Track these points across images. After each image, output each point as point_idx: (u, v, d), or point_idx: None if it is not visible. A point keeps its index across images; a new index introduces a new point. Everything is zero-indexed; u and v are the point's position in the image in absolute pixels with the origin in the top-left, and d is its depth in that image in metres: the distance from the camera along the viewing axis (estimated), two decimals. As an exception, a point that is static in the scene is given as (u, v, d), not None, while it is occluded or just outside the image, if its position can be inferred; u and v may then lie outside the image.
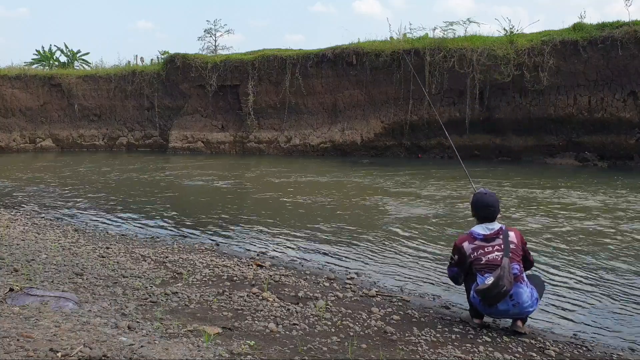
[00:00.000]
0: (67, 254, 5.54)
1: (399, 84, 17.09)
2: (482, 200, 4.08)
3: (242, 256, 6.22)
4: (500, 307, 3.81)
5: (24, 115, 22.62)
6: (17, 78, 22.40)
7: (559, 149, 15.50)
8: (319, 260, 6.14)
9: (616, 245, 6.51)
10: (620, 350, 3.75)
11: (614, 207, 8.83)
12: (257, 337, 3.41)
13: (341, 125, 18.56)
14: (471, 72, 15.86)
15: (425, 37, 17.61)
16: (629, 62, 14.06)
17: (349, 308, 4.28)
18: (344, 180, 12.56)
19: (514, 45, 15.54)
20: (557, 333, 4.07)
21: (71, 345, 2.62)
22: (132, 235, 7.37)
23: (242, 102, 20.00)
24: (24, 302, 3.45)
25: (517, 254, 3.95)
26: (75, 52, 29.67)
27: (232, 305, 4.12)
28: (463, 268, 4.06)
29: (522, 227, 7.46)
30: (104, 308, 3.64)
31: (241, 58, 20.15)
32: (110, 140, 22.76)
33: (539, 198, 9.73)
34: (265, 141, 19.73)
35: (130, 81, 22.12)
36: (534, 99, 15.49)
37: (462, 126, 16.42)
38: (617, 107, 14.40)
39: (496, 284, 3.71)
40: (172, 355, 2.71)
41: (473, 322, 4.04)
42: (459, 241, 4.09)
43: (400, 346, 3.49)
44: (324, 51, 18.61)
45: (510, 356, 3.46)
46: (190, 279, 4.88)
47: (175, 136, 21.13)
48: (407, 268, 5.79)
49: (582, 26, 15.14)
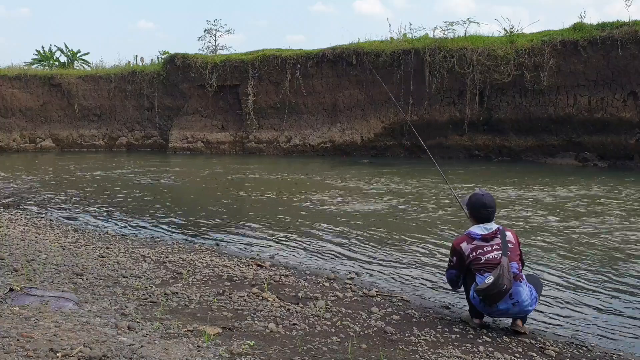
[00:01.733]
0: (67, 254, 5.54)
1: (399, 84, 17.09)
2: (481, 201, 4.08)
3: (242, 256, 6.21)
4: (500, 306, 3.81)
5: (24, 115, 22.62)
6: (17, 78, 22.40)
7: (559, 149, 15.50)
8: (319, 260, 6.14)
9: (616, 245, 6.50)
10: (620, 350, 3.75)
11: (614, 207, 8.83)
12: (257, 337, 3.41)
13: (341, 125, 18.56)
14: (471, 72, 15.85)
15: (425, 37, 17.61)
16: (629, 62, 14.06)
17: (349, 308, 4.28)
18: (344, 180, 12.56)
19: (514, 45, 15.54)
20: (557, 333, 4.07)
21: (71, 345, 2.62)
22: (132, 235, 7.37)
23: (242, 102, 20.00)
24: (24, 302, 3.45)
25: (515, 253, 3.97)
26: (75, 52, 29.64)
27: (232, 305, 4.12)
28: (461, 269, 4.06)
29: (522, 226, 7.46)
30: (104, 308, 3.64)
31: (241, 58, 20.15)
32: (110, 140, 22.76)
33: (539, 198, 9.73)
34: (265, 141, 19.73)
35: (130, 81, 22.12)
36: (534, 99, 15.49)
37: (462, 126, 16.44)
38: (617, 107, 14.39)
39: (496, 283, 3.71)
40: (172, 355, 2.71)
41: (473, 322, 4.04)
42: (457, 242, 4.08)
43: (400, 346, 3.49)
44: (324, 51, 18.61)
45: (510, 356, 3.46)
46: (190, 279, 4.88)
47: (175, 136, 21.14)
48: (407, 268, 5.79)
49: (582, 26, 15.14)
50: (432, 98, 16.81)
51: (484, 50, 15.73)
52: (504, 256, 3.85)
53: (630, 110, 14.21)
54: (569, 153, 15.35)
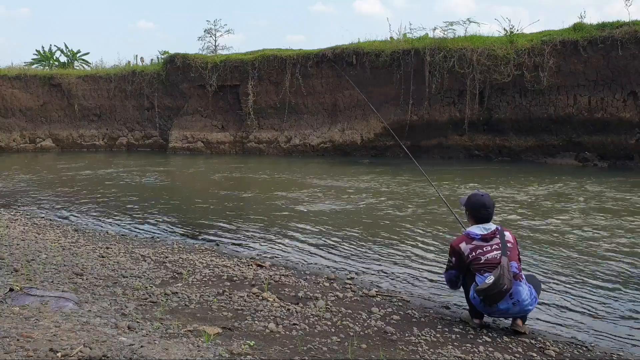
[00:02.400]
0: (67, 254, 5.54)
1: (399, 84, 17.08)
2: (481, 201, 4.09)
3: (242, 256, 6.22)
4: (500, 306, 3.81)
5: (24, 115, 22.61)
6: (17, 78, 22.38)
7: (559, 149, 15.49)
8: (319, 260, 6.14)
9: (616, 245, 6.50)
10: (620, 350, 3.75)
11: (614, 207, 8.83)
12: (257, 337, 3.41)
13: (341, 125, 18.56)
14: (471, 72, 15.85)
15: (425, 37, 17.60)
16: (629, 62, 14.05)
17: (349, 308, 4.28)
18: (344, 180, 12.55)
19: (514, 45, 15.53)
20: (557, 333, 4.07)
21: (71, 345, 2.62)
22: (132, 235, 7.37)
23: (242, 102, 20.00)
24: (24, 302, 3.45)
25: (514, 253, 3.98)
26: (75, 52, 29.63)
27: (232, 305, 4.13)
28: (461, 270, 4.06)
29: (522, 226, 7.46)
30: (104, 308, 3.64)
31: (241, 58, 20.14)
32: (110, 140, 22.75)
33: (539, 198, 9.73)
34: (265, 141, 19.73)
35: (130, 81, 22.10)
36: (534, 99, 15.48)
37: (462, 126, 16.43)
38: (617, 107, 14.39)
39: (497, 283, 3.72)
40: (172, 355, 2.71)
41: (473, 322, 4.04)
42: (455, 243, 4.08)
43: (400, 346, 3.49)
44: (324, 51, 18.60)
45: (510, 356, 3.46)
46: (190, 279, 4.88)
47: (175, 136, 21.13)
48: (407, 268, 5.79)
49: (582, 26, 15.13)
50: (432, 98, 16.80)
51: (484, 50, 15.73)
52: (504, 256, 3.86)
53: (630, 110, 14.21)
54: (569, 153, 15.34)
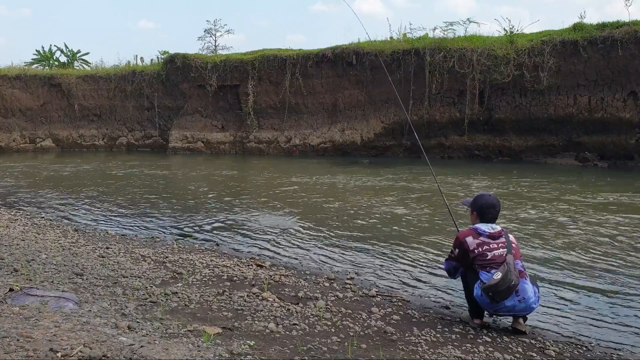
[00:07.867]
0: (67, 254, 5.54)
1: (399, 84, 17.08)
2: (489, 201, 4.15)
3: (242, 256, 6.22)
4: (507, 303, 3.82)
5: (24, 115, 22.62)
6: (17, 78, 22.39)
7: (559, 149, 15.50)
8: (319, 260, 6.14)
9: (616, 245, 6.50)
10: (620, 350, 3.75)
11: (614, 207, 8.83)
12: (257, 337, 3.41)
13: (341, 125, 18.56)
14: (471, 72, 15.85)
15: (425, 37, 17.61)
16: (629, 62, 14.06)
17: (349, 308, 4.28)
18: (344, 180, 12.55)
19: (514, 45, 15.54)
20: (557, 333, 4.06)
21: (71, 345, 2.62)
22: (132, 236, 7.37)
23: (242, 102, 20.00)
24: (24, 302, 3.45)
25: (518, 252, 4.05)
26: (75, 52, 29.62)
27: (232, 305, 4.12)
28: (463, 263, 4.07)
29: (522, 226, 7.46)
30: (104, 308, 3.63)
31: (241, 58, 20.14)
32: (110, 140, 22.75)
33: (539, 198, 9.73)
34: (265, 141, 19.73)
35: (130, 81, 22.11)
36: (534, 99, 15.48)
37: (462, 126, 16.44)
38: (617, 107, 14.39)
39: (505, 279, 3.75)
40: (172, 355, 2.71)
41: (473, 322, 4.04)
42: (462, 235, 4.09)
43: (400, 346, 3.49)
44: (324, 51, 18.61)
45: (510, 356, 3.46)
46: (190, 279, 4.88)
47: (175, 136, 21.13)
48: (407, 268, 5.79)
49: (582, 26, 15.13)
50: (432, 98, 16.81)
51: (484, 50, 15.73)
52: (509, 254, 3.92)
53: (630, 110, 14.22)
54: (569, 153, 15.35)
